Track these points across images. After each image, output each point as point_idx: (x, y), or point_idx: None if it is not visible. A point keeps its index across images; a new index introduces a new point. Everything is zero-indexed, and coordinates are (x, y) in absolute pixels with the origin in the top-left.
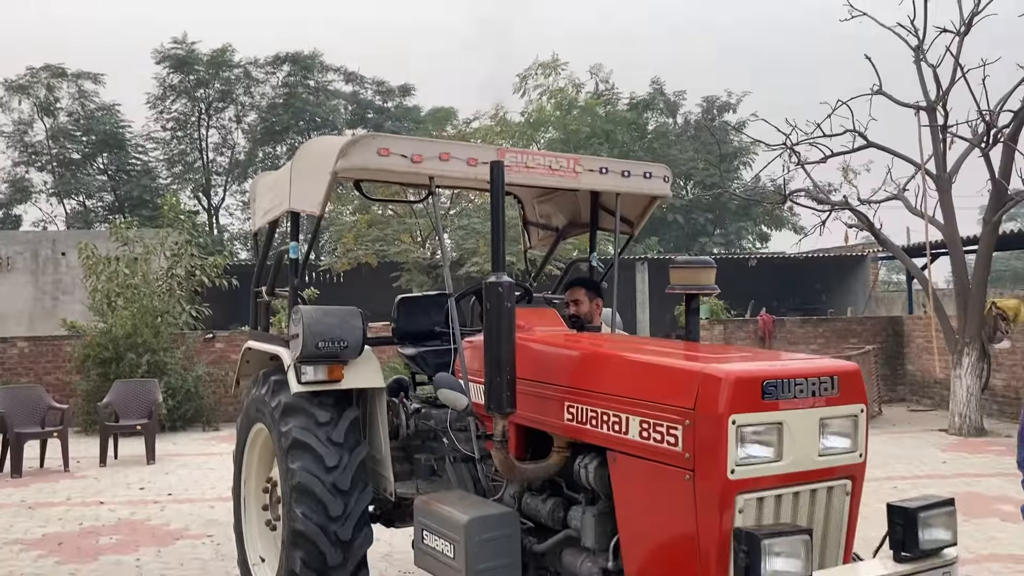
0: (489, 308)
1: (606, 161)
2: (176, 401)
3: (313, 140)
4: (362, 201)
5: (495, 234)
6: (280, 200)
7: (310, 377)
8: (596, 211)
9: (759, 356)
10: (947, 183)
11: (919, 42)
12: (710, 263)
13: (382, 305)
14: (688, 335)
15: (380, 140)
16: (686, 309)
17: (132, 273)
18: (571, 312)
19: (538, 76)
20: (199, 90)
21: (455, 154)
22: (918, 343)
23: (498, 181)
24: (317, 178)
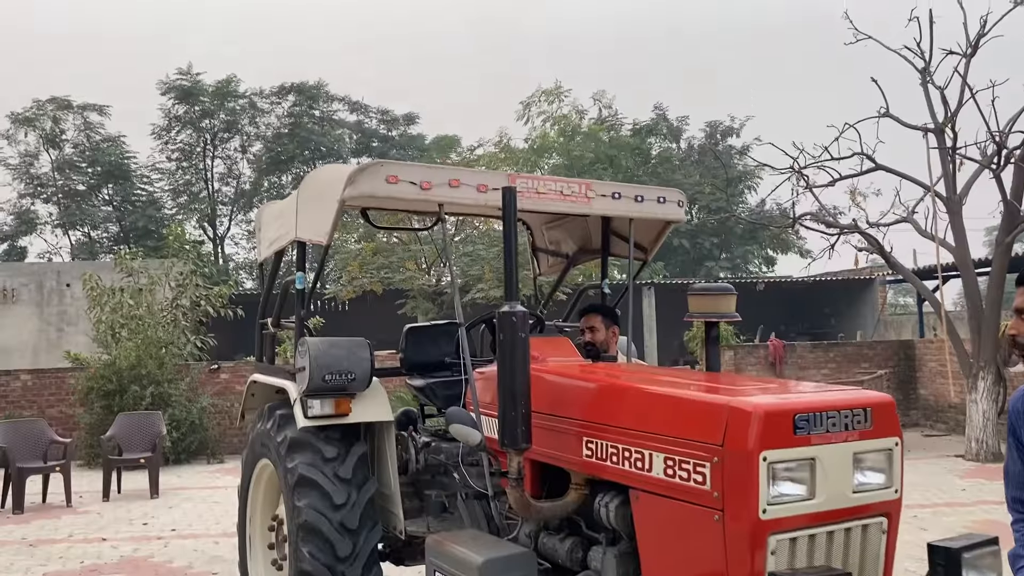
0: (503, 339)
1: (618, 186)
2: (180, 433)
3: (320, 169)
4: (367, 229)
5: (508, 262)
6: (286, 230)
7: (317, 411)
8: (607, 237)
9: (787, 388)
10: (957, 205)
11: (926, 64)
12: (730, 290)
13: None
14: (709, 365)
15: (388, 167)
16: (706, 338)
17: (136, 304)
18: (586, 340)
19: (541, 103)
20: (204, 120)
21: (465, 180)
22: (931, 367)
23: (510, 207)
24: (324, 207)
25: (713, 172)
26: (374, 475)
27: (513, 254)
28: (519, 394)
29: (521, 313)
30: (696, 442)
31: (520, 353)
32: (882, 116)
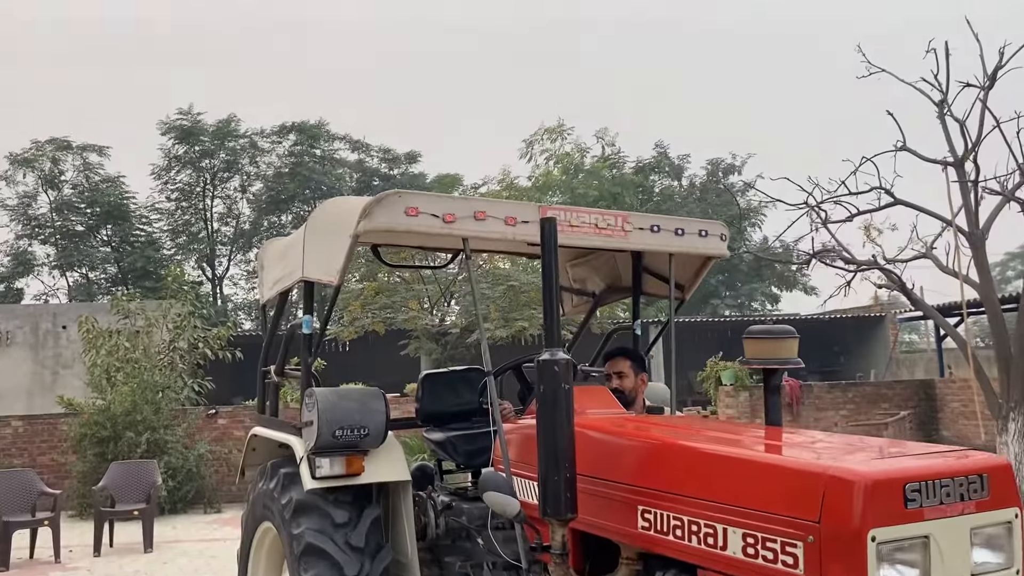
0: (544, 391)
1: (658, 218)
2: (176, 482)
3: (330, 201)
4: (369, 268)
5: (549, 302)
6: (292, 268)
7: (326, 471)
8: (639, 274)
9: (888, 450)
10: (980, 239)
11: (943, 96)
12: (791, 332)
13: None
14: (769, 419)
15: (408, 198)
16: (765, 387)
17: (133, 347)
18: (613, 386)
19: (544, 141)
20: (204, 160)
21: (492, 213)
22: (953, 407)
23: (551, 240)
24: (335, 243)
25: (715, 209)
26: (389, 542)
27: (555, 293)
28: (563, 456)
29: (564, 362)
30: (785, 517)
31: (564, 408)
32: (899, 150)
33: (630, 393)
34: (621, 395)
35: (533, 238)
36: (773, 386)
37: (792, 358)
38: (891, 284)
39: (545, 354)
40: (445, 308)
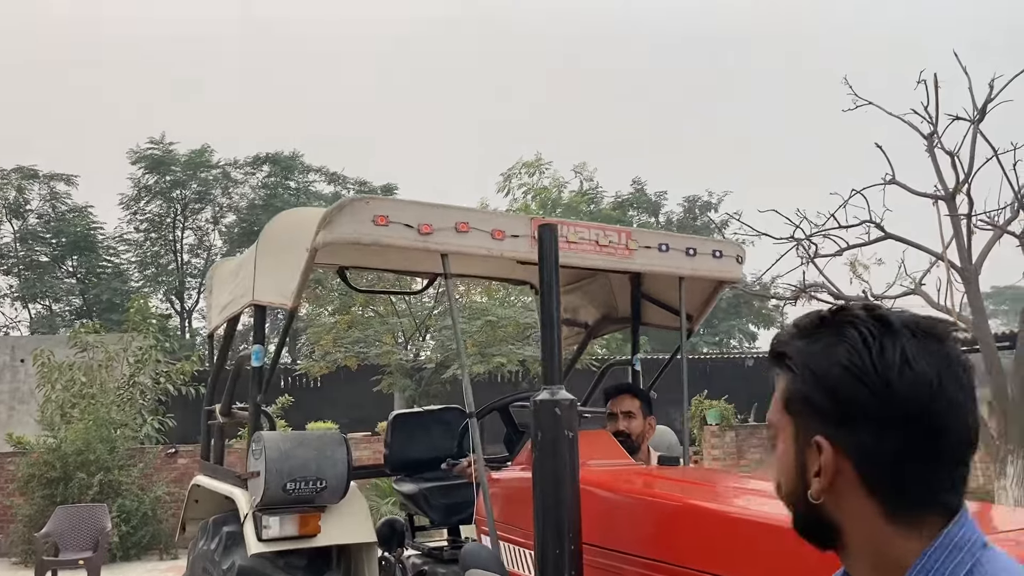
0: (542, 438)
1: (667, 236)
2: (130, 527)
3: (284, 213)
4: (343, 301)
5: (548, 330)
6: (242, 291)
7: (275, 532)
8: (638, 301)
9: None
10: (973, 274)
11: (933, 129)
12: None
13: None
14: None
15: (376, 204)
16: None
17: (90, 381)
18: (618, 428)
19: (521, 175)
20: (175, 191)
21: (476, 224)
22: None
23: (551, 253)
24: (290, 260)
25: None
26: None
27: (555, 318)
28: (567, 522)
29: (568, 403)
30: None
31: (567, 461)
32: (888, 183)
33: (637, 438)
34: (626, 440)
35: (524, 255)
36: None
37: None
38: None
39: (543, 393)
40: (420, 342)
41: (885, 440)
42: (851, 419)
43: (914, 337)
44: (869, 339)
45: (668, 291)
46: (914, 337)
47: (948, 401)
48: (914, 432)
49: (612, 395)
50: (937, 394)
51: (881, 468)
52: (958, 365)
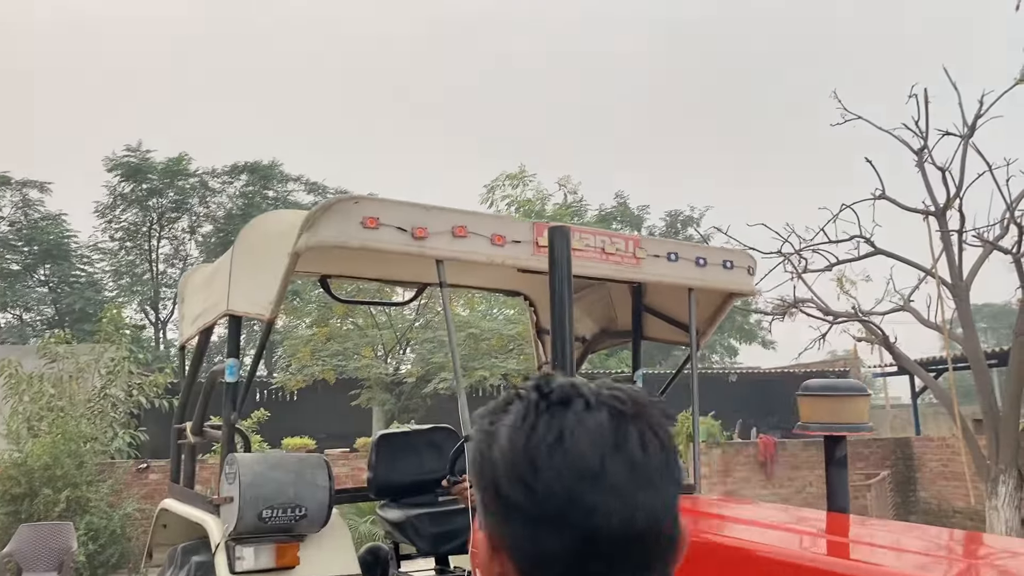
0: None
1: (676, 245)
2: (98, 545)
3: (263, 216)
4: (322, 313)
5: (559, 342)
6: (216, 300)
7: (250, 564)
8: (639, 313)
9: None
10: (964, 291)
11: (923, 144)
12: (861, 390)
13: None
14: (834, 502)
15: (366, 205)
16: (827, 460)
17: (59, 394)
18: None
19: (505, 187)
20: (152, 199)
21: (475, 229)
22: (932, 467)
23: (563, 258)
24: (268, 266)
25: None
26: None
27: (568, 329)
28: None
29: None
30: None
31: None
32: (878, 198)
33: None
34: None
35: (525, 262)
36: (838, 459)
37: (862, 422)
38: (871, 337)
39: None
40: (400, 356)
41: (538, 539)
42: (503, 511)
43: (586, 410)
44: (529, 415)
45: (672, 303)
46: (586, 410)
47: (611, 490)
48: (564, 529)
49: None
50: (596, 482)
51: (541, 572)
52: (638, 445)
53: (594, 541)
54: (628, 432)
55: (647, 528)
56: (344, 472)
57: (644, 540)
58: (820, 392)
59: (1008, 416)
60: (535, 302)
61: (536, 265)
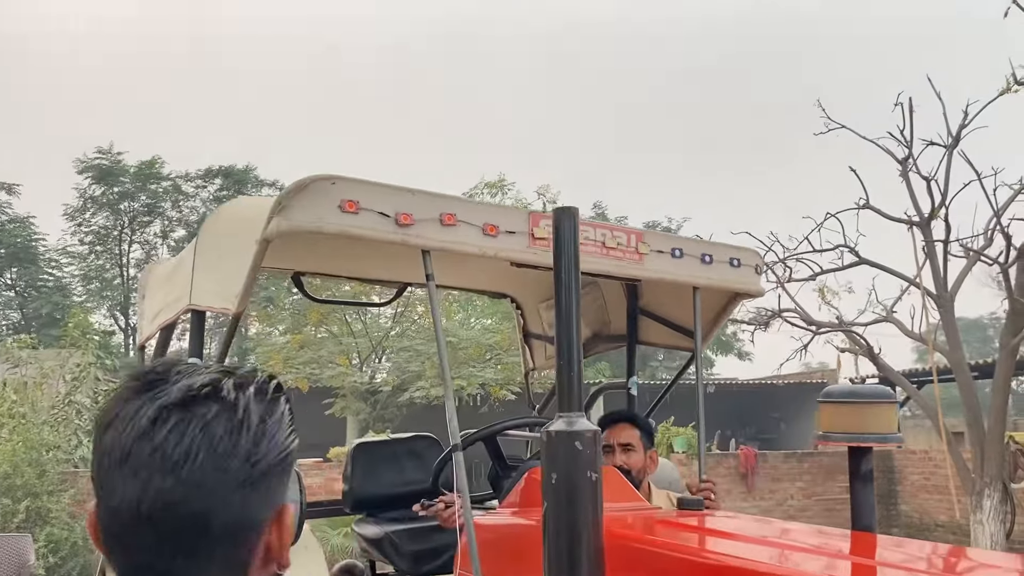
0: (556, 481)
1: (681, 240)
2: (59, 558)
3: (230, 203)
4: (296, 320)
5: (564, 342)
6: (178, 294)
7: None
8: (635, 316)
9: None
10: (949, 301)
11: (907, 154)
12: (888, 395)
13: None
14: (858, 519)
15: (344, 187)
16: (852, 473)
17: (21, 400)
18: (616, 463)
19: (484, 195)
20: (123, 203)
21: (465, 217)
22: (913, 480)
23: (570, 243)
24: (235, 256)
25: None
26: None
27: (575, 325)
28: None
29: (591, 435)
30: None
31: (589, 511)
32: (862, 208)
33: (638, 474)
34: (626, 477)
35: (520, 255)
36: (864, 473)
37: (891, 432)
38: (855, 348)
39: (559, 422)
40: (376, 364)
41: (99, 512)
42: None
43: (149, 394)
44: (112, 400)
45: (670, 304)
46: (149, 394)
47: (132, 473)
48: (101, 506)
49: (608, 424)
50: (122, 465)
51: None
52: (171, 432)
53: (118, 520)
54: (167, 418)
55: (158, 512)
56: (317, 483)
57: (156, 523)
58: (844, 398)
59: (993, 429)
60: (522, 304)
61: (532, 259)
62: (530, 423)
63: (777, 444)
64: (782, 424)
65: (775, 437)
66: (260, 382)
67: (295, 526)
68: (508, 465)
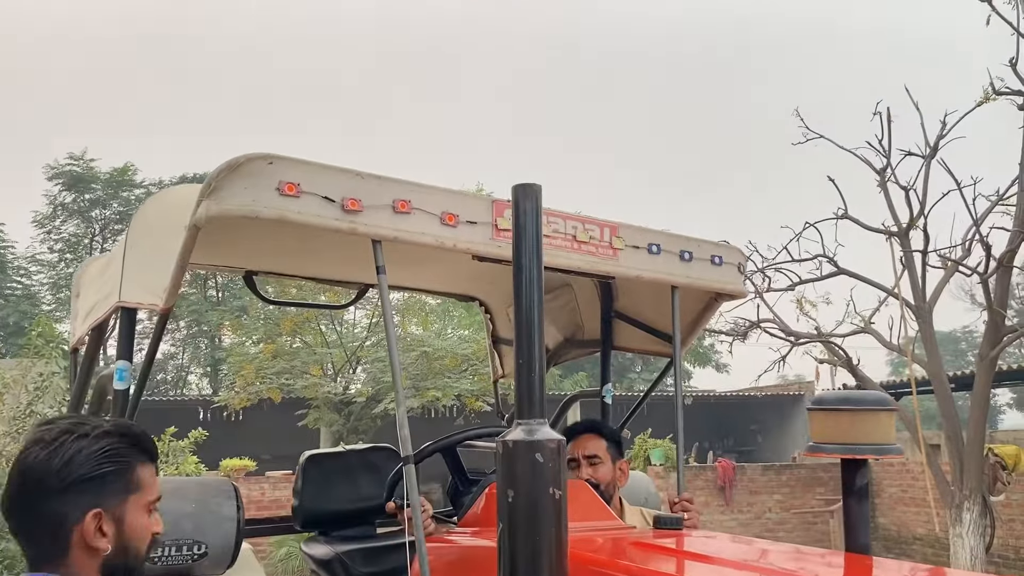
0: (515, 496)
1: (659, 235)
2: (14, 574)
3: (163, 191)
4: (269, 330)
5: (524, 341)
6: (108, 291)
7: None
8: (609, 319)
9: None
10: (927, 313)
11: (886, 164)
12: (885, 402)
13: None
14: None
15: (283, 167)
16: (845, 487)
17: None
18: (585, 477)
19: None
20: (94, 210)
21: (421, 204)
22: (891, 493)
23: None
24: (166, 247)
25: None
26: None
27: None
28: None
29: (555, 445)
30: None
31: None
32: (840, 218)
33: (607, 488)
34: (595, 488)
35: (482, 247)
36: (859, 488)
37: (888, 443)
38: (834, 359)
39: (517, 430)
40: (351, 375)
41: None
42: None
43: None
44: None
45: (647, 306)
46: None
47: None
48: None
49: (572, 436)
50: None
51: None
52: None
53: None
54: (25, 452)
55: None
56: (285, 495)
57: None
58: (837, 406)
59: (972, 441)
60: (491, 308)
61: (496, 252)
62: (492, 433)
63: (755, 456)
64: (760, 436)
65: (753, 449)
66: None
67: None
68: (469, 479)
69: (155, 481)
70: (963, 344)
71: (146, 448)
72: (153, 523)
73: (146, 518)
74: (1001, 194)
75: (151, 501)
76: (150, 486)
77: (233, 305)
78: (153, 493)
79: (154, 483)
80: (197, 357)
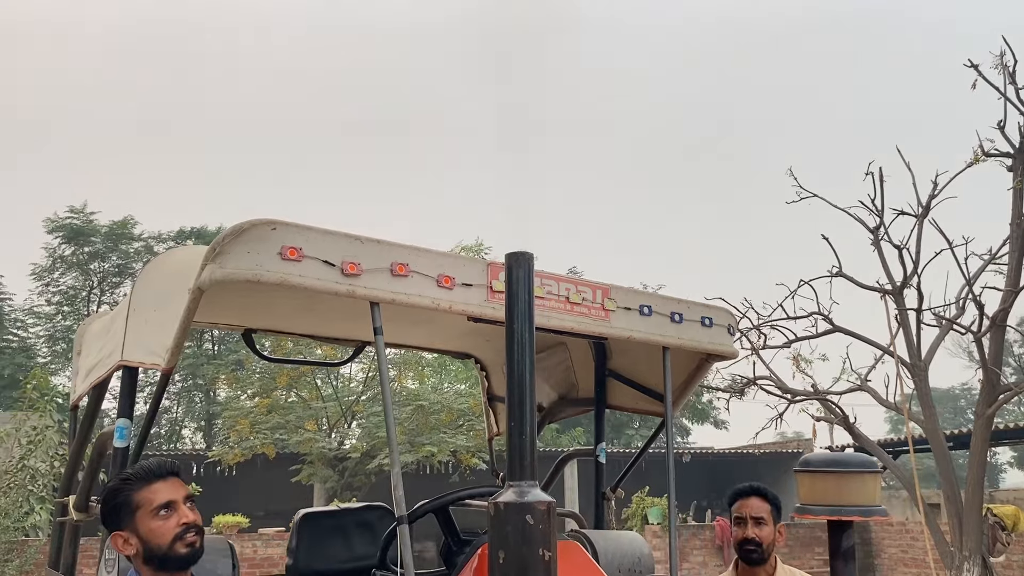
0: (505, 558)
1: (650, 297)
2: None
3: (166, 253)
4: (265, 384)
5: (516, 404)
6: (111, 350)
7: None
8: (603, 379)
9: None
10: (923, 371)
11: (879, 223)
12: (871, 465)
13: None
14: None
15: (285, 232)
16: (832, 549)
17: None
18: (748, 535)
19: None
20: (93, 263)
21: (418, 267)
22: (891, 553)
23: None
24: (170, 308)
25: None
26: None
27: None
28: None
29: (545, 508)
30: None
31: None
32: (835, 275)
33: (767, 547)
34: (756, 550)
35: (477, 309)
36: (845, 549)
37: (873, 505)
38: (831, 417)
39: (508, 492)
40: (345, 430)
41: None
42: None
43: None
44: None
45: (640, 365)
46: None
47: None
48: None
49: (740, 497)
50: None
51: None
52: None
53: None
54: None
55: None
56: (278, 552)
57: None
58: (823, 467)
59: (971, 500)
60: (487, 365)
61: (491, 313)
62: (485, 493)
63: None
64: None
65: None
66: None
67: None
68: (462, 539)
69: (157, 491)
70: (962, 401)
71: (140, 476)
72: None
73: (157, 522)
74: (993, 254)
75: (157, 507)
76: (150, 500)
77: (229, 359)
78: (157, 501)
79: (155, 494)
80: (191, 411)
